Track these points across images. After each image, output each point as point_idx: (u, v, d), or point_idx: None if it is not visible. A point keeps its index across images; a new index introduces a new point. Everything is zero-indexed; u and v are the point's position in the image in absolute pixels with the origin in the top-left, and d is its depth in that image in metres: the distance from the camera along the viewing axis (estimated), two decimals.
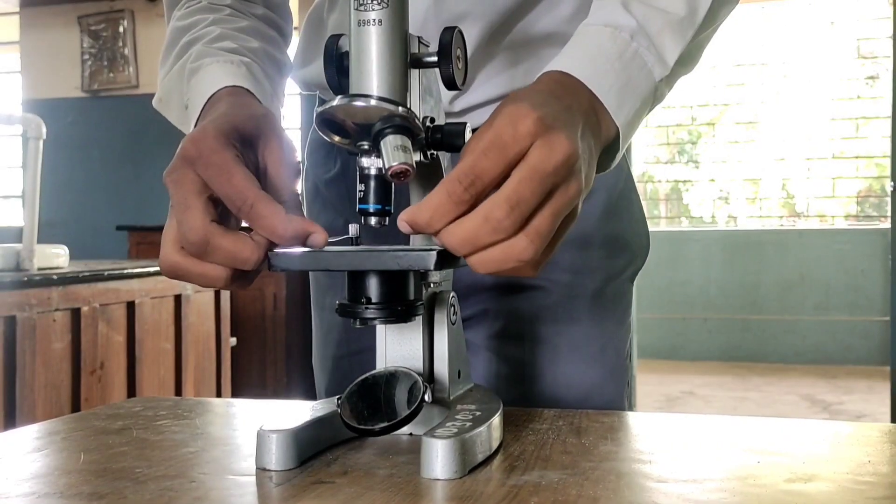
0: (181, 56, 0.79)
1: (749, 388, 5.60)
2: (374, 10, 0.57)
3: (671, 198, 7.52)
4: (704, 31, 0.71)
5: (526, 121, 0.54)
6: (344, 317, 0.59)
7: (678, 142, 7.27)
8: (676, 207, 7.40)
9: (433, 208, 0.53)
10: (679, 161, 7.34)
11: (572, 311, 0.89)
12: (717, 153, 7.04)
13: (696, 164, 7.23)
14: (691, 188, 7.24)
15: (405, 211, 0.53)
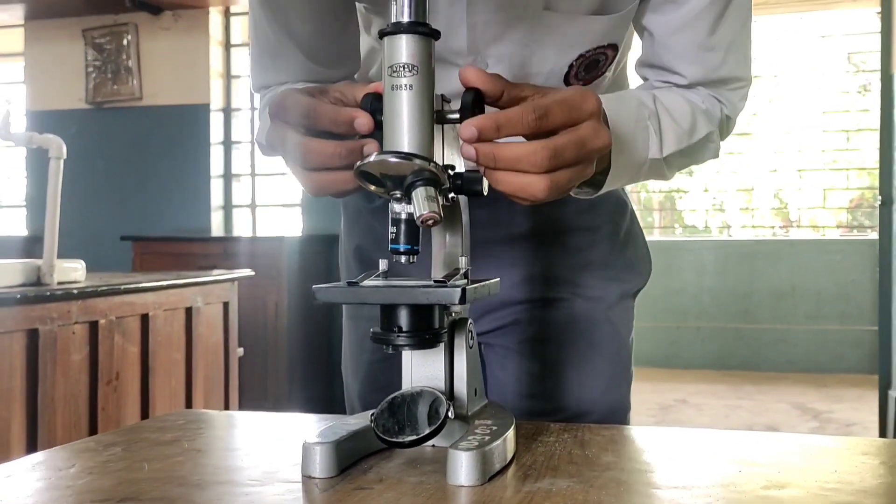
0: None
1: (742, 396, 5.69)
2: (405, 76, 0.65)
3: (665, 206, 7.62)
4: (690, 153, 0.92)
5: (592, 101, 0.71)
6: (378, 343, 0.67)
7: None
8: (670, 216, 7.50)
9: (506, 118, 0.67)
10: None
11: (593, 319, 1.07)
12: (711, 162, 7.13)
13: (690, 172, 7.34)
14: (685, 196, 7.34)
15: (472, 120, 0.66)
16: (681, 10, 0.90)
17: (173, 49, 4.78)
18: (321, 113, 0.72)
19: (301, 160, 0.73)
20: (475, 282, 0.69)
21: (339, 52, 1.00)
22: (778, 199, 7.05)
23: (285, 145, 0.74)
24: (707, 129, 0.92)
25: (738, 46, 0.93)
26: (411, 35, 0.65)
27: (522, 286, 1.06)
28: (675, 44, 0.92)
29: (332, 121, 0.71)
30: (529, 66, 0.93)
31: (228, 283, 2.50)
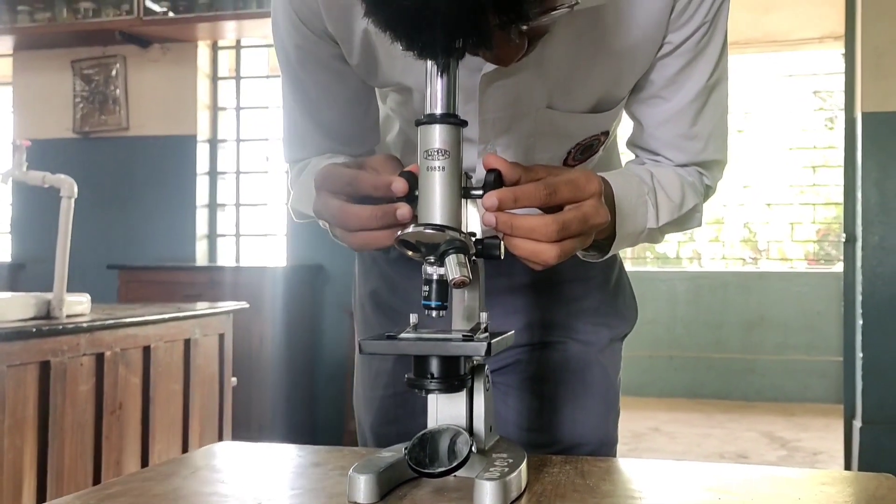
0: (304, 169, 1.11)
1: (713, 424, 5.82)
2: (438, 160, 0.77)
3: None
4: (679, 222, 1.06)
5: (595, 183, 0.84)
6: (412, 388, 0.79)
7: None
8: (642, 244, 7.68)
9: (522, 192, 0.80)
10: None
11: (585, 361, 1.20)
12: None
13: None
14: None
15: (494, 192, 0.79)
16: (667, 105, 1.03)
17: (161, 81, 4.88)
18: (362, 180, 0.84)
19: (344, 223, 0.85)
20: (497, 333, 0.81)
21: (361, 132, 1.13)
22: (748, 228, 7.25)
23: (330, 211, 0.86)
24: (694, 202, 1.06)
25: (717, 135, 1.07)
26: (444, 125, 0.78)
27: (523, 331, 1.19)
28: (662, 134, 1.06)
29: (373, 186, 0.83)
30: (533, 153, 1.06)
31: (224, 315, 2.60)
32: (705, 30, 1.00)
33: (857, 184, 4.08)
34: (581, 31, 0.96)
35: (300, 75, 1.08)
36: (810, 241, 7.12)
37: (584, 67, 1.00)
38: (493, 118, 1.03)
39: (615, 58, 1.00)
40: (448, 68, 0.77)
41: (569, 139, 1.08)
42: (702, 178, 1.10)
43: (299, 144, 1.15)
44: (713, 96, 1.05)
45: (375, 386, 1.24)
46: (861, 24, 4.06)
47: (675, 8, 0.97)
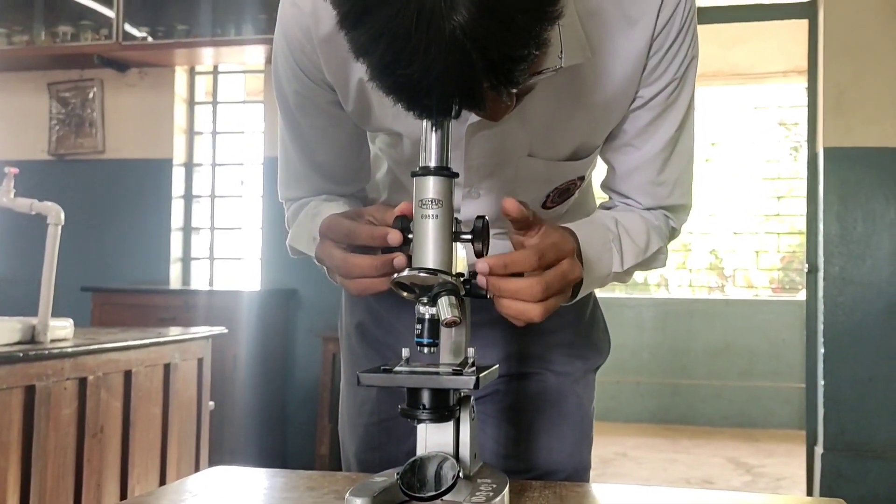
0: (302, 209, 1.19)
1: (679, 450, 5.91)
2: (432, 209, 0.84)
3: None
4: (644, 264, 1.15)
5: (571, 242, 0.96)
6: (405, 418, 0.85)
7: None
8: None
9: (512, 260, 0.89)
10: None
11: (561, 391, 1.27)
12: None
13: None
14: None
15: (489, 258, 0.88)
16: (638, 153, 1.12)
17: (138, 105, 4.91)
18: (360, 232, 0.91)
19: (346, 272, 0.92)
20: (483, 367, 0.88)
21: (353, 172, 1.20)
22: (714, 255, 7.39)
23: (333, 260, 0.94)
24: (658, 245, 1.15)
25: (683, 181, 1.16)
26: (437, 177, 0.85)
27: (502, 362, 1.25)
28: (632, 180, 1.15)
29: (370, 237, 0.90)
30: (514, 196, 1.13)
31: (203, 339, 2.64)
32: (675, 86, 1.08)
33: (819, 216, 4.21)
34: (561, 87, 1.04)
35: (298, 119, 1.15)
36: (775, 269, 7.29)
37: (563, 119, 1.08)
38: (478, 164, 1.10)
39: (592, 111, 1.08)
40: (443, 125, 0.85)
41: (548, 184, 1.16)
42: (668, 221, 1.19)
43: (295, 184, 1.22)
44: (680, 146, 1.14)
45: (360, 413, 1.30)
46: (823, 61, 4.21)
47: (648, 66, 1.06)
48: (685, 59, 1.07)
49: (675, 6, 1.03)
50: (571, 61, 1.00)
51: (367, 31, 0.73)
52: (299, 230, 1.16)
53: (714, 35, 5.80)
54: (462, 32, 0.71)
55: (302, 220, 1.16)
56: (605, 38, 1.03)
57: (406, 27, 0.71)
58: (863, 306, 4.13)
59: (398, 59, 0.73)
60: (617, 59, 1.04)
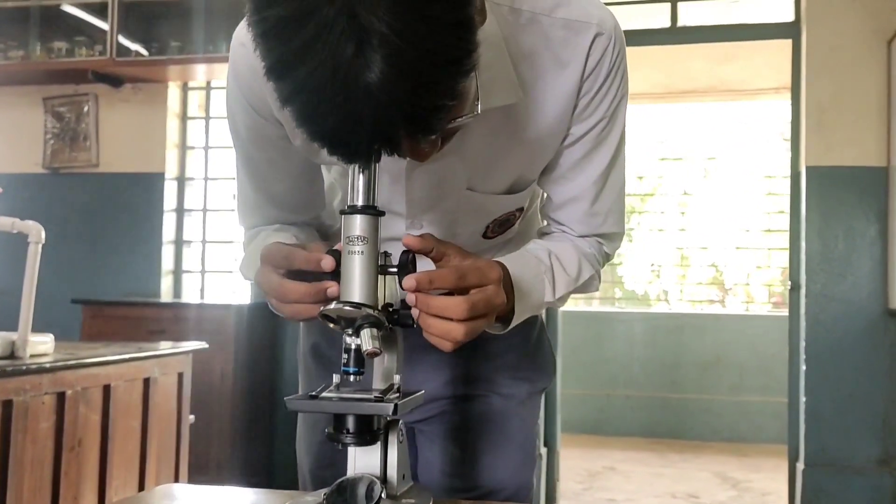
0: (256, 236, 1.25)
1: (666, 464, 5.95)
2: (358, 245, 0.90)
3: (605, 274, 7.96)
4: (576, 291, 1.22)
5: (496, 270, 1.00)
6: (331, 441, 0.91)
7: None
8: (610, 277, 7.82)
9: (437, 275, 0.94)
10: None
11: (506, 413, 1.33)
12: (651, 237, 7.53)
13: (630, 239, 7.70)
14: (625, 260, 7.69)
15: (413, 275, 0.93)
16: (572, 184, 1.19)
17: (131, 119, 4.98)
18: (297, 256, 0.97)
19: (281, 296, 0.98)
20: (408, 393, 0.94)
21: (307, 201, 1.26)
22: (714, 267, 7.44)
23: (270, 284, 0.99)
24: (589, 273, 1.22)
25: (615, 210, 1.23)
26: (363, 215, 0.90)
27: (448, 384, 1.31)
28: (568, 210, 1.22)
29: (305, 261, 0.96)
30: (455, 227, 1.20)
31: (184, 354, 2.69)
32: (605, 123, 1.14)
33: (802, 234, 4.26)
34: (496, 125, 1.10)
35: (250, 151, 1.21)
36: (772, 284, 7.33)
37: (500, 155, 1.14)
38: (419, 197, 1.16)
39: (527, 147, 1.14)
40: (368, 166, 0.90)
41: (487, 216, 1.22)
42: (601, 248, 1.25)
43: (249, 212, 1.28)
44: (612, 178, 1.20)
45: (315, 431, 1.35)
46: (805, 80, 4.27)
47: (579, 105, 1.12)
48: (615, 98, 1.13)
49: (604, 51, 1.09)
50: (503, 101, 1.06)
51: (288, 85, 0.79)
52: (248, 259, 1.22)
53: (706, 52, 5.87)
54: (376, 88, 0.76)
55: (251, 249, 1.22)
56: (538, 79, 1.09)
57: (323, 82, 0.76)
58: (843, 324, 4.18)
59: (317, 111, 0.79)
60: (549, 99, 1.10)
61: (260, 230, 1.26)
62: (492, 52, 1.03)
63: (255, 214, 1.28)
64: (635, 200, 7.99)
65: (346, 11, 0.74)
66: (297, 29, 0.76)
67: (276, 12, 0.77)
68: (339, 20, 0.74)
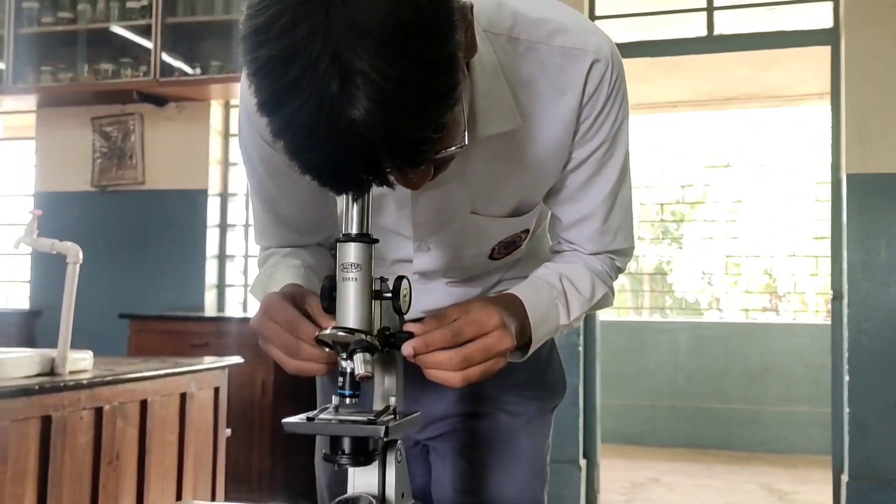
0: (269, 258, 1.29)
1: (712, 475, 5.88)
2: (352, 272, 0.94)
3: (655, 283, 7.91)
4: (590, 310, 1.25)
5: (495, 317, 1.02)
6: (327, 462, 0.94)
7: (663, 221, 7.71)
8: (660, 286, 7.78)
9: (433, 338, 0.99)
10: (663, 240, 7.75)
11: (514, 431, 1.35)
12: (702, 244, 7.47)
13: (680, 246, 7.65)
14: (675, 268, 7.64)
15: (411, 341, 0.98)
16: (580, 205, 1.21)
17: (175, 137, 5.10)
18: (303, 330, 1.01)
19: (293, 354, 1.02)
20: (404, 415, 0.97)
21: (317, 224, 1.30)
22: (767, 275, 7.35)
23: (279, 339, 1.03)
24: (603, 291, 1.25)
25: (624, 227, 1.25)
26: (357, 243, 0.94)
27: (457, 403, 1.34)
28: (578, 230, 1.25)
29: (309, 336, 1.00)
30: (461, 249, 1.24)
31: (219, 369, 2.76)
32: (607, 146, 1.16)
33: (843, 242, 4.20)
34: (497, 150, 1.13)
35: (263, 178, 1.25)
36: (825, 292, 7.22)
37: (502, 180, 1.17)
38: (425, 221, 1.19)
39: (527, 172, 1.17)
40: (361, 196, 0.94)
41: (492, 238, 1.24)
42: (613, 263, 1.28)
43: (263, 234, 1.32)
44: (620, 197, 1.22)
45: None
46: (845, 87, 4.22)
47: (579, 130, 1.14)
48: (615, 122, 1.15)
49: (601, 77, 1.11)
50: (503, 128, 1.09)
51: (278, 120, 0.83)
52: (257, 283, 1.26)
53: (748, 58, 5.81)
54: (360, 124, 0.80)
55: (261, 274, 1.27)
56: (537, 105, 1.11)
57: (309, 118, 0.80)
58: (887, 333, 4.11)
59: (304, 145, 0.83)
60: (549, 125, 1.13)
61: (273, 252, 1.30)
62: (490, 80, 1.06)
63: (268, 237, 1.32)
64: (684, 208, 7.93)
65: (329, 50, 0.78)
66: (285, 68, 0.80)
67: (265, 52, 0.81)
68: (323, 59, 0.78)
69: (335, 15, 0.78)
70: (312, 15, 0.78)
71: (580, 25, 1.11)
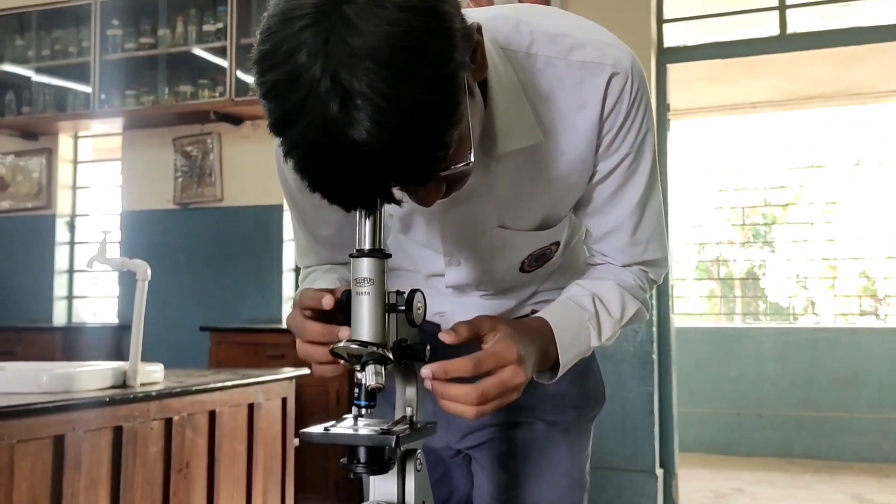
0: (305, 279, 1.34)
1: (800, 486, 5.71)
2: (365, 287, 0.96)
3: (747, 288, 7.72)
4: (622, 328, 1.25)
5: (514, 351, 1.04)
6: (344, 470, 0.97)
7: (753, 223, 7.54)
8: (752, 291, 7.59)
9: (452, 366, 1.01)
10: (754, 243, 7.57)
11: (551, 440, 1.36)
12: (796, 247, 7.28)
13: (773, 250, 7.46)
14: (767, 272, 7.45)
15: (431, 365, 1.00)
16: (609, 217, 1.22)
17: (251, 155, 5.25)
18: (306, 296, 1.06)
19: (300, 334, 1.06)
20: (420, 425, 0.99)
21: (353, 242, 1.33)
22: (866, 277, 7.11)
23: (294, 323, 1.07)
24: (634, 308, 1.25)
25: (655, 237, 1.25)
26: (370, 258, 0.97)
27: (495, 413, 1.35)
28: (608, 242, 1.25)
29: (312, 298, 1.05)
30: (491, 263, 1.26)
31: (287, 380, 2.83)
32: (632, 158, 1.16)
33: None
34: (521, 165, 1.14)
35: (298, 200, 1.29)
36: None
37: (527, 194, 1.18)
38: (453, 236, 1.22)
39: (553, 185, 1.18)
40: (372, 213, 0.97)
41: (522, 251, 1.26)
42: (646, 275, 1.27)
43: (304, 254, 1.38)
44: (649, 208, 1.22)
45: None
46: None
47: (602, 143, 1.14)
48: (639, 133, 1.15)
49: (621, 90, 1.11)
50: (523, 143, 1.11)
51: (287, 142, 0.87)
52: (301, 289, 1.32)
53: (829, 56, 5.65)
54: (362, 144, 0.82)
55: (301, 288, 1.31)
56: (558, 120, 1.12)
57: (314, 140, 0.84)
58: None
59: (311, 165, 0.86)
60: (571, 139, 1.14)
61: (313, 270, 1.35)
62: (509, 96, 1.08)
63: (308, 256, 1.37)
64: (776, 210, 7.74)
65: (329, 74, 0.81)
66: (290, 91, 0.83)
67: (272, 76, 0.85)
68: (324, 82, 0.81)
69: (334, 39, 0.81)
70: (314, 39, 0.82)
71: (599, 40, 1.12)
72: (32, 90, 5.53)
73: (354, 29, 0.81)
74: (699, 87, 6.60)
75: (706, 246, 7.66)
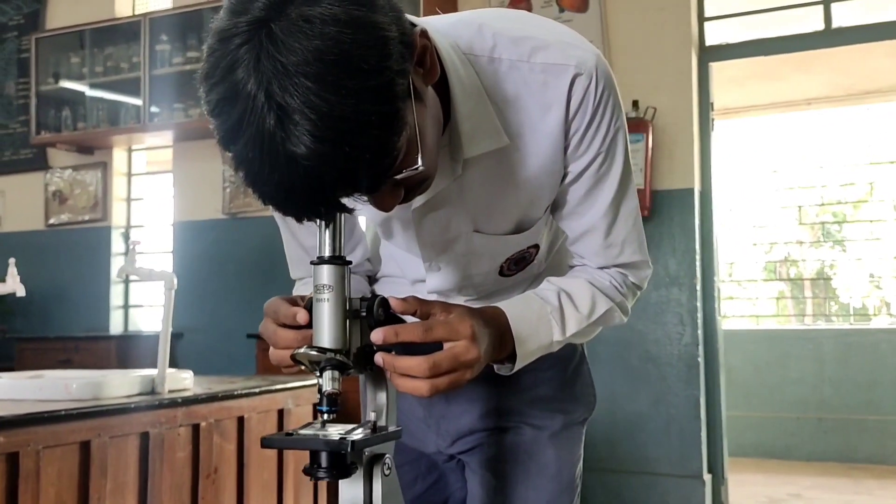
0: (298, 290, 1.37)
1: (860, 491, 5.55)
2: (325, 293, 0.98)
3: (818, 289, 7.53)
4: (594, 324, 1.23)
5: (466, 325, 1.03)
6: (305, 475, 0.98)
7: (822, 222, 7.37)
8: (823, 291, 7.41)
9: (403, 329, 1.01)
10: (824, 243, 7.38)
11: (539, 445, 1.35)
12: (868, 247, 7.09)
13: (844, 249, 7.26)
14: (838, 272, 7.27)
15: (380, 329, 1.00)
16: (583, 219, 1.21)
17: None
18: (279, 308, 1.07)
19: (273, 343, 1.09)
20: (382, 430, 1.00)
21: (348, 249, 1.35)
22: None
23: (266, 331, 1.09)
24: (605, 307, 1.23)
25: (631, 240, 1.23)
26: (329, 265, 0.98)
27: (483, 417, 1.36)
28: (583, 244, 1.24)
29: (285, 315, 1.05)
30: (470, 268, 1.26)
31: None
32: (602, 158, 1.16)
33: None
34: (490, 169, 1.14)
35: None
36: None
37: (499, 197, 1.18)
38: (431, 242, 1.22)
39: (523, 188, 1.18)
40: (329, 221, 0.98)
41: (499, 255, 1.26)
42: (625, 278, 1.26)
43: (294, 267, 1.41)
44: (622, 209, 1.21)
45: None
46: None
47: (570, 145, 1.14)
48: (608, 133, 1.14)
49: (585, 90, 1.10)
50: (489, 147, 1.11)
51: (234, 156, 0.89)
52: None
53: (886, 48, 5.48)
54: (301, 158, 0.84)
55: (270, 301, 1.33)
56: (525, 123, 1.12)
57: (256, 154, 0.85)
58: None
59: (257, 179, 0.88)
60: (538, 141, 1.13)
61: (305, 282, 1.38)
62: (472, 101, 1.08)
63: (299, 268, 1.39)
64: (847, 208, 7.55)
65: (263, 89, 0.83)
66: (231, 107, 0.85)
67: (214, 95, 0.87)
68: (259, 97, 0.83)
69: (264, 56, 0.83)
70: (248, 56, 0.83)
71: (562, 41, 1.11)
72: (87, 106, 5.70)
73: (284, 45, 0.82)
74: (751, 84, 6.48)
75: (774, 246, 7.47)
